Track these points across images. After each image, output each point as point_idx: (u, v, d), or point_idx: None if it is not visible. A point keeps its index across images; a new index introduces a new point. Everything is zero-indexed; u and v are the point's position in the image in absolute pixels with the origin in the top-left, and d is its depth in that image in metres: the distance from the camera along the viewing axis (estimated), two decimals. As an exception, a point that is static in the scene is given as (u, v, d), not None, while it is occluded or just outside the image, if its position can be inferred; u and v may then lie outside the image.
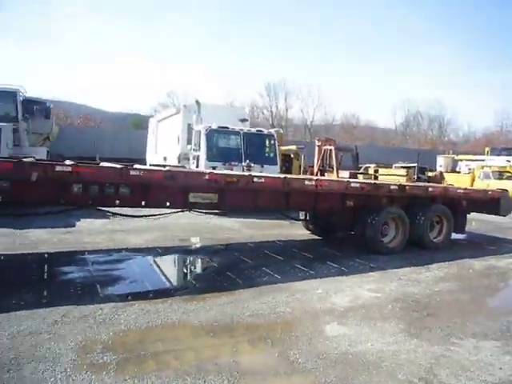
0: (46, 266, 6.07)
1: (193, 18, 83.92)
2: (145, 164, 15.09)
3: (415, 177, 21.93)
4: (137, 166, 6.45)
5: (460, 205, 9.08)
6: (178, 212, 7.08)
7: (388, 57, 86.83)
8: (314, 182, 7.08)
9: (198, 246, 8.29)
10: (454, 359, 3.66)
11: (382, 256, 7.42)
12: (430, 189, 8.57)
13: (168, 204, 6.24)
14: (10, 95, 11.82)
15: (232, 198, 6.57)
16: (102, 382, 3.11)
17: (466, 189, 9.52)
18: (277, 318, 4.44)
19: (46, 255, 6.68)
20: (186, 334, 4.01)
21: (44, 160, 6.25)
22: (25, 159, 5.33)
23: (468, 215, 9.61)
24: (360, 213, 7.75)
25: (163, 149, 16.08)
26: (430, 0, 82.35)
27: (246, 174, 7.07)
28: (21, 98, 12.12)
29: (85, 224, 9.52)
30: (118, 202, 5.86)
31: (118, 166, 5.71)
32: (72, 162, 5.48)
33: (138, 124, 38.00)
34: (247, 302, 4.86)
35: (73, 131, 25.99)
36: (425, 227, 8.18)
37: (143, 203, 6.00)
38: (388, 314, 4.67)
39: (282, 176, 7.44)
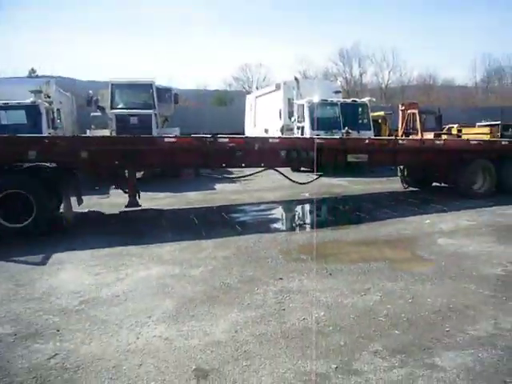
0: (221, 214, 8.54)
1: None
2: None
3: (499, 134, 22.35)
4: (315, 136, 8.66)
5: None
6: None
7: (464, 12, 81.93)
8: (442, 142, 9.03)
9: (321, 197, 10.24)
10: (533, 254, 5.55)
11: (473, 199, 9.16)
12: None
13: (334, 163, 8.38)
14: (147, 86, 14.40)
15: (378, 157, 8.76)
16: (308, 265, 5.33)
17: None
18: (401, 236, 6.54)
19: (214, 207, 9.19)
20: (345, 245, 6.20)
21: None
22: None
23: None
24: (455, 165, 9.41)
25: (263, 122, 18.23)
26: None
27: (393, 138, 9.14)
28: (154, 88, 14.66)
29: (222, 187, 11.89)
30: (301, 164, 8.01)
31: (308, 136, 7.87)
32: (278, 135, 7.75)
33: (222, 99, 40.88)
34: (378, 228, 7.00)
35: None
36: (510, 176, 9.70)
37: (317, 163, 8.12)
38: (482, 233, 6.59)
39: (419, 138, 9.43)
